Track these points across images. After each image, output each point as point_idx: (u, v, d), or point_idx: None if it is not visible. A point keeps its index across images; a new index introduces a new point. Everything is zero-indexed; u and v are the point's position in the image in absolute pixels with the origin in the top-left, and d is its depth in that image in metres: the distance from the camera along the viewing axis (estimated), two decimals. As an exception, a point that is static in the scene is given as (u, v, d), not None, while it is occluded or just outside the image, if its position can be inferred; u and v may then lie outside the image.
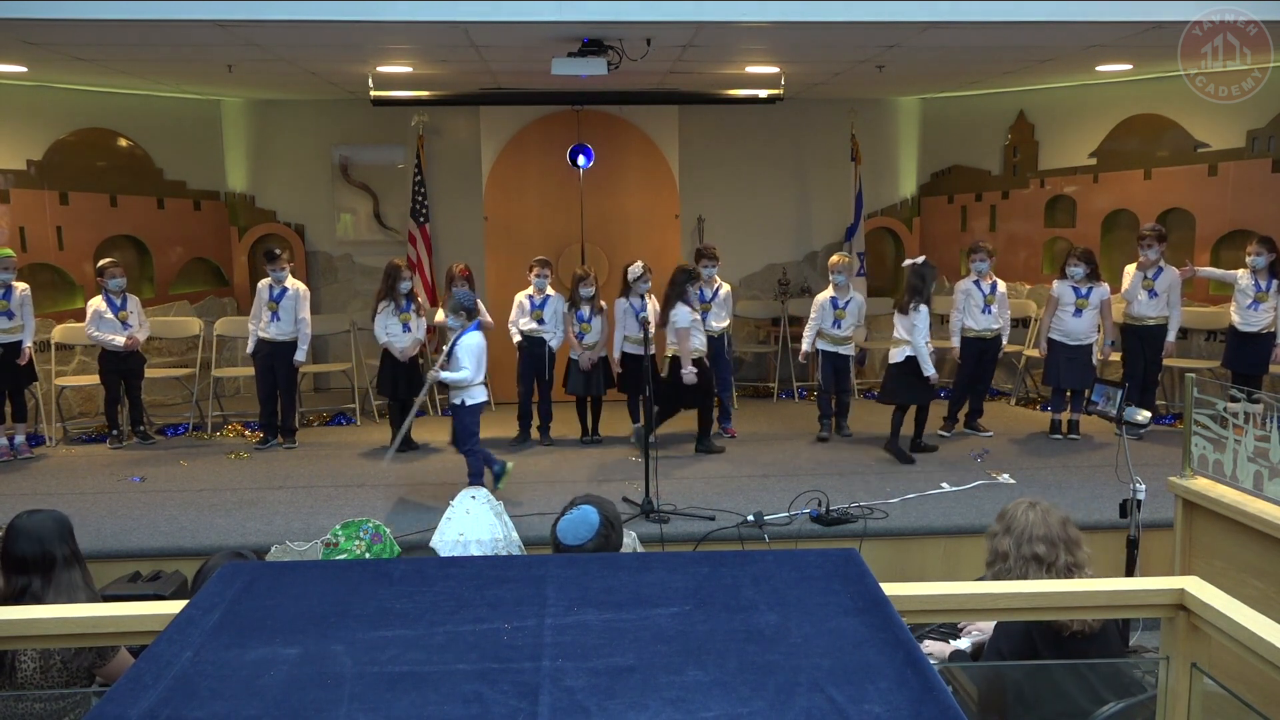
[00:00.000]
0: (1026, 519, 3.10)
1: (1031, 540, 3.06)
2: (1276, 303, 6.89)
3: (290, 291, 7.33)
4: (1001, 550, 3.10)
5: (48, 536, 3.36)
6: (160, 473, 6.82)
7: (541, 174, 9.01)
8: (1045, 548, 3.04)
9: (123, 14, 5.27)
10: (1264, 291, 6.92)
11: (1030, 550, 3.05)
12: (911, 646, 1.52)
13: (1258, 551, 3.88)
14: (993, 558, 3.14)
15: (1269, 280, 6.92)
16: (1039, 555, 3.04)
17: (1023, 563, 3.05)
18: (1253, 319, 6.97)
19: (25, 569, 3.30)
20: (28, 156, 7.94)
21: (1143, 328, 7.28)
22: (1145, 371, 7.35)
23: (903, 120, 9.71)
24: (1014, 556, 3.06)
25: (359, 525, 4.54)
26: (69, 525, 3.49)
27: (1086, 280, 7.13)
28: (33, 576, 3.30)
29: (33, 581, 3.30)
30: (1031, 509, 3.13)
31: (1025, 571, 3.04)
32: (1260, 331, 6.94)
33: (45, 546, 3.34)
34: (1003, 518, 3.18)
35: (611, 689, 1.40)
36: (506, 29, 5.67)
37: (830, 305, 7.41)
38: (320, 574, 1.89)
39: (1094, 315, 7.16)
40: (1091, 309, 7.14)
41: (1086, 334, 7.17)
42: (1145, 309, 7.27)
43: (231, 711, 1.37)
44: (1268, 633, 2.00)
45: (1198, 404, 4.26)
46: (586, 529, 3.02)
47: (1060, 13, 5.50)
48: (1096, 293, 7.14)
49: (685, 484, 6.24)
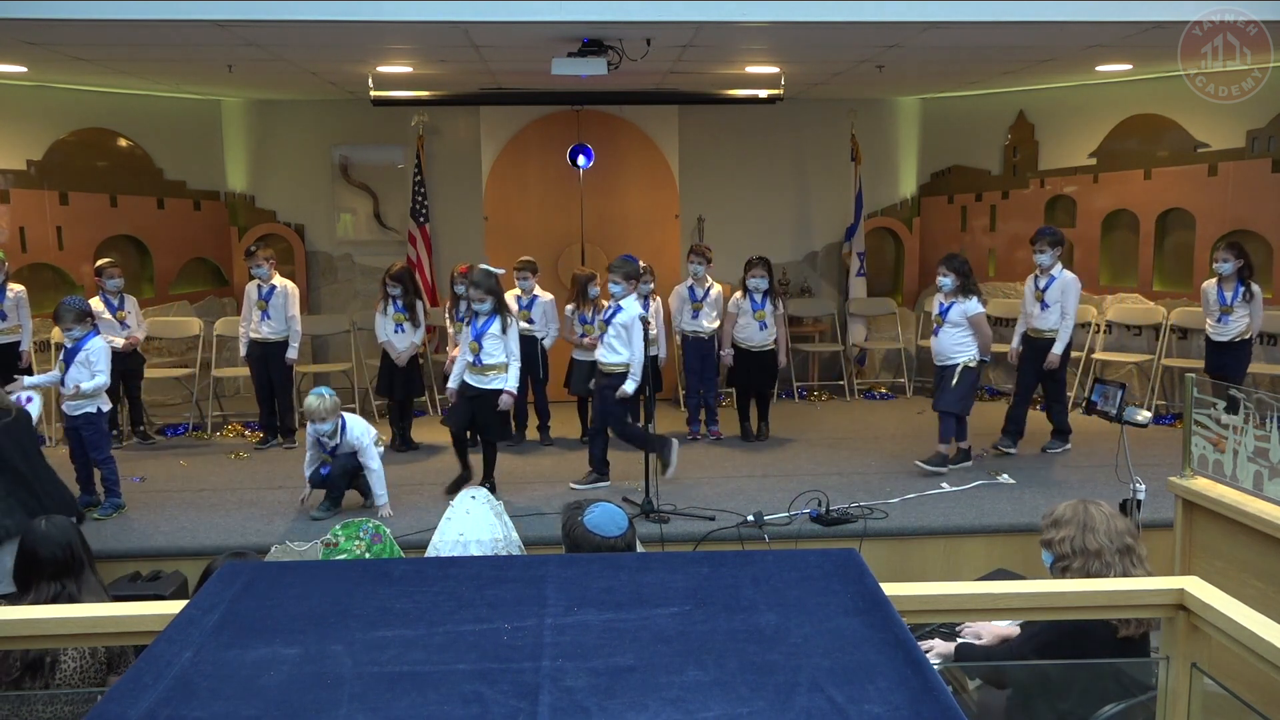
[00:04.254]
0: (1101, 516, 3.15)
1: (1120, 534, 3.11)
2: (1247, 310, 6.62)
3: (279, 289, 7.30)
4: (1094, 548, 3.09)
5: (73, 539, 3.36)
6: (160, 473, 6.82)
7: (541, 174, 9.01)
8: (1131, 540, 3.11)
9: (123, 14, 5.27)
10: (1229, 305, 6.67)
11: (1122, 542, 3.10)
12: (911, 646, 1.52)
13: (1258, 551, 3.88)
14: (1071, 554, 3.13)
15: (1235, 289, 6.63)
16: (1129, 546, 3.10)
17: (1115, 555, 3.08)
18: (1223, 330, 6.74)
19: (57, 574, 3.29)
20: (28, 156, 7.94)
21: (1039, 340, 6.75)
22: (1045, 388, 6.91)
23: (903, 120, 9.71)
24: (1109, 551, 3.08)
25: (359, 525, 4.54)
26: (81, 530, 3.51)
27: (954, 294, 6.28)
28: (65, 581, 3.28)
29: (66, 586, 3.28)
30: (1096, 507, 3.19)
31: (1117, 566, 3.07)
32: (1233, 340, 6.70)
33: (73, 551, 3.33)
34: (1069, 522, 3.18)
35: (611, 689, 1.41)
36: (506, 29, 5.67)
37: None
38: (320, 574, 1.89)
39: (957, 331, 6.26)
40: (949, 325, 6.27)
41: (946, 354, 6.30)
42: (1038, 320, 6.75)
43: (231, 711, 1.37)
44: (1268, 633, 2.00)
45: (1198, 404, 4.26)
46: (622, 518, 3.00)
47: (1060, 13, 5.49)
48: (959, 308, 6.25)
49: (685, 484, 6.24)
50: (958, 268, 6.30)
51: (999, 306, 8.74)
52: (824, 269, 9.69)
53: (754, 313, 7.26)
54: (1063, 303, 6.65)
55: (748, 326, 7.31)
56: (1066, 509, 3.20)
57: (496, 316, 5.85)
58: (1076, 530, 3.12)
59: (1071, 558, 3.10)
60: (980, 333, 6.27)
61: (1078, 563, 3.09)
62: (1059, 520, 3.19)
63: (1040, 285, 6.75)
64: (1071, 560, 3.10)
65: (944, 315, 6.33)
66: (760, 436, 7.48)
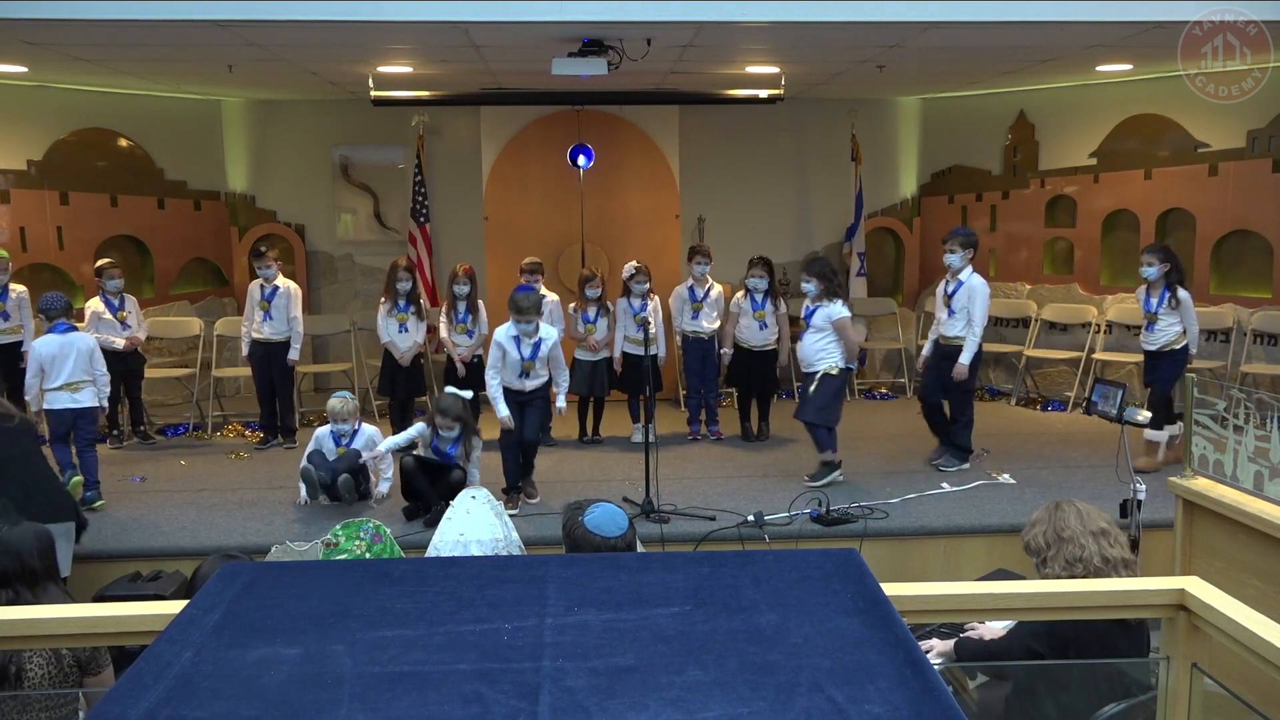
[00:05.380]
0: (1072, 508, 3.19)
1: (1093, 518, 3.16)
2: (1176, 319, 6.18)
3: (281, 290, 7.31)
4: (1066, 534, 3.13)
5: (26, 550, 3.27)
6: (160, 473, 6.82)
7: (542, 174, 9.01)
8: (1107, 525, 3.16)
9: (123, 14, 5.27)
10: (1153, 312, 6.25)
11: (1096, 525, 3.14)
12: (911, 646, 1.52)
13: (1258, 551, 3.89)
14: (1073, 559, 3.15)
15: (1161, 295, 6.21)
16: (1103, 529, 3.13)
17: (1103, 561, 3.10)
18: (1150, 339, 6.32)
19: (6, 581, 3.22)
20: (28, 156, 7.94)
21: (948, 347, 6.36)
22: (950, 401, 6.48)
23: (903, 120, 9.71)
24: (1081, 534, 3.11)
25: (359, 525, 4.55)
26: (50, 540, 3.40)
27: (819, 298, 6.07)
28: (19, 589, 3.22)
29: (21, 594, 3.23)
30: (1068, 502, 3.24)
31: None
32: (1162, 350, 6.26)
33: (24, 561, 3.25)
34: (1041, 519, 3.23)
35: (611, 689, 1.41)
36: (506, 29, 5.67)
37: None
38: (320, 574, 1.89)
39: (820, 337, 6.05)
40: (812, 330, 6.08)
41: (809, 360, 6.11)
42: (945, 327, 6.39)
43: (231, 711, 1.37)
44: (1268, 633, 2.00)
45: (1198, 404, 4.26)
46: (622, 518, 3.00)
47: (1060, 13, 5.49)
48: (822, 312, 6.05)
49: (685, 484, 6.24)
50: (819, 271, 6.08)
51: (1000, 306, 8.74)
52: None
53: (754, 312, 7.26)
54: (970, 309, 6.22)
55: (748, 326, 7.31)
56: (1040, 510, 3.29)
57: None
58: (1048, 524, 3.19)
59: (1046, 549, 3.16)
60: (845, 338, 6.01)
61: (1053, 551, 3.14)
62: (1034, 521, 3.27)
63: (948, 290, 6.38)
64: (1047, 551, 3.15)
65: (808, 320, 6.10)
66: (761, 436, 7.48)
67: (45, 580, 3.30)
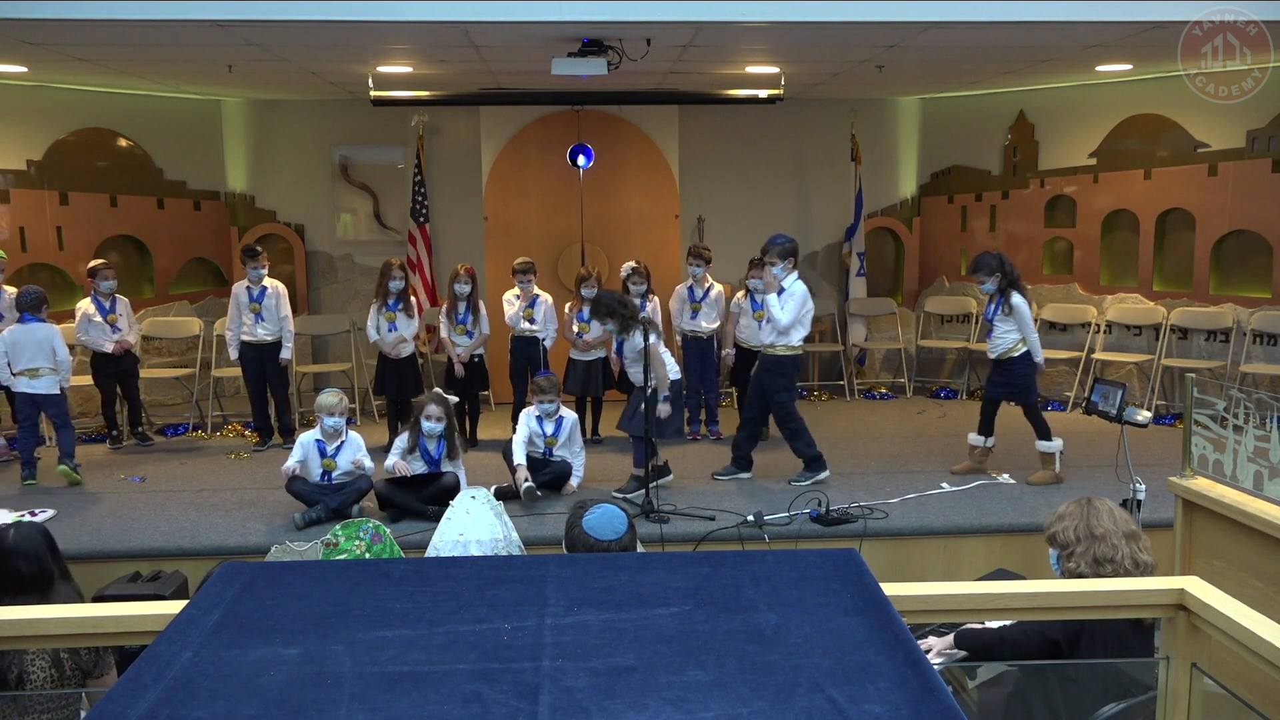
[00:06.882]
0: (1105, 506, 3.19)
1: (1125, 521, 3.17)
2: (1012, 325, 6.07)
3: (270, 290, 7.30)
4: (1099, 532, 3.12)
5: (40, 552, 3.19)
6: (160, 473, 6.82)
7: (541, 174, 9.01)
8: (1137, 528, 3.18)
9: (123, 14, 5.27)
10: (989, 320, 6.23)
11: (1128, 528, 3.15)
12: (911, 646, 1.52)
13: (1258, 551, 3.88)
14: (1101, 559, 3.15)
15: (997, 301, 6.11)
16: (1135, 532, 3.15)
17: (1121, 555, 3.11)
18: (992, 347, 6.24)
19: (22, 589, 3.13)
20: (28, 156, 7.94)
21: (768, 356, 6.29)
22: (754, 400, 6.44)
23: (903, 120, 9.71)
24: (1114, 534, 3.10)
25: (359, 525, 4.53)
26: (52, 537, 3.34)
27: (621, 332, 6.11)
28: (30, 596, 3.12)
29: (30, 603, 3.15)
30: (1099, 500, 3.24)
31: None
32: (1002, 358, 6.17)
33: (41, 563, 3.17)
34: (1073, 513, 3.21)
35: (611, 689, 1.41)
36: (506, 29, 5.67)
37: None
38: (320, 574, 1.89)
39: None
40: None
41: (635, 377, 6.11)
42: (764, 334, 6.39)
43: (231, 711, 1.37)
44: (1268, 633, 2.00)
45: (1198, 404, 4.26)
46: (621, 522, 2.99)
47: (1060, 13, 5.49)
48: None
49: (685, 484, 6.24)
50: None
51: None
52: (824, 269, 9.69)
53: (754, 312, 7.26)
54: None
55: (748, 326, 7.31)
56: (1069, 504, 3.24)
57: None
58: (1080, 519, 3.14)
59: (1076, 543, 3.11)
60: (655, 362, 5.86)
61: (1082, 547, 3.09)
62: (1063, 514, 3.22)
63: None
64: (1076, 546, 3.10)
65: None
66: (761, 437, 7.46)
67: (59, 580, 3.26)
